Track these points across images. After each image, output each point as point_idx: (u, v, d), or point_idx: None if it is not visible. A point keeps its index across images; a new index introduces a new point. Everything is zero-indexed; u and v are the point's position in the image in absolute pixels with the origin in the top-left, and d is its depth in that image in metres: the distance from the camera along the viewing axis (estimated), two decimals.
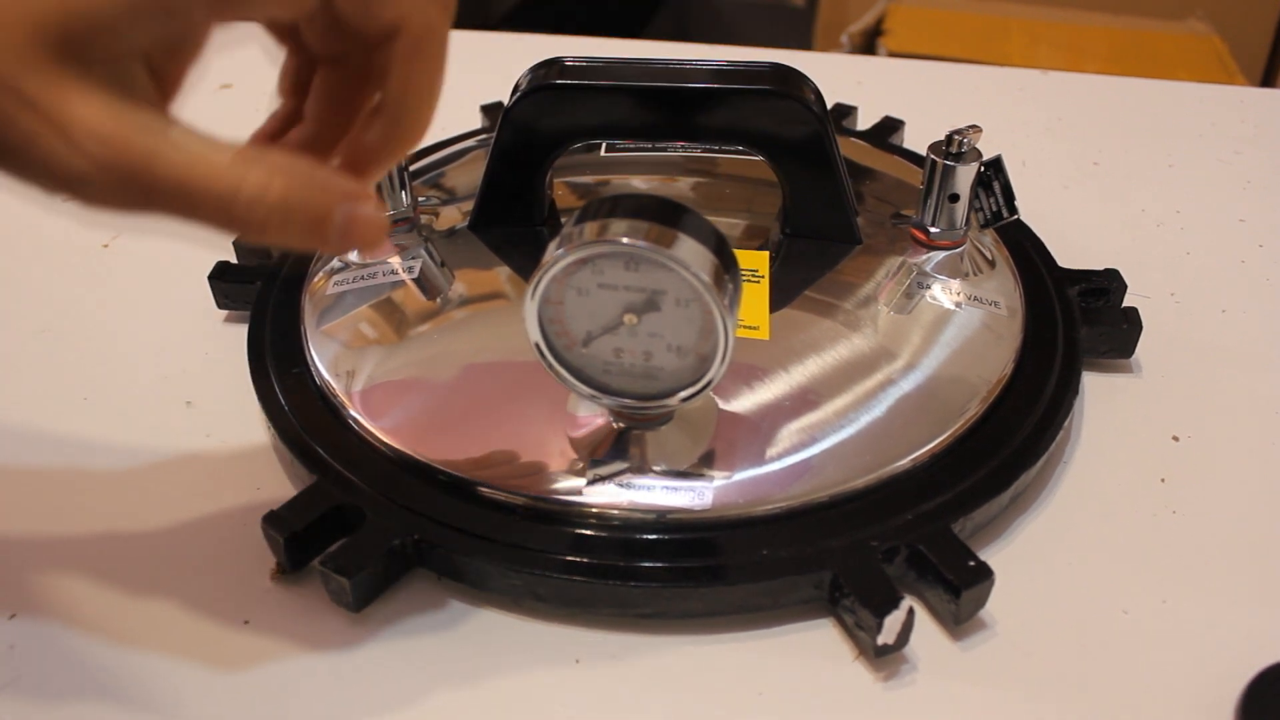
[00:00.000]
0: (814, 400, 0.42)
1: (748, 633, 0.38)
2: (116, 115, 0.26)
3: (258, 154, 0.28)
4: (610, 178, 0.56)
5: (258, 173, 0.27)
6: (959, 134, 0.47)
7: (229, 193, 0.27)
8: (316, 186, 0.28)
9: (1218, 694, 0.36)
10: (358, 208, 0.29)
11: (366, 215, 0.29)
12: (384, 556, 0.38)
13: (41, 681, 0.37)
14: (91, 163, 0.26)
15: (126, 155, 0.26)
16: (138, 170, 0.26)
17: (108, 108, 0.26)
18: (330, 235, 0.29)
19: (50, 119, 0.26)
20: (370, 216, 0.30)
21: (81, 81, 0.26)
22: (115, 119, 0.26)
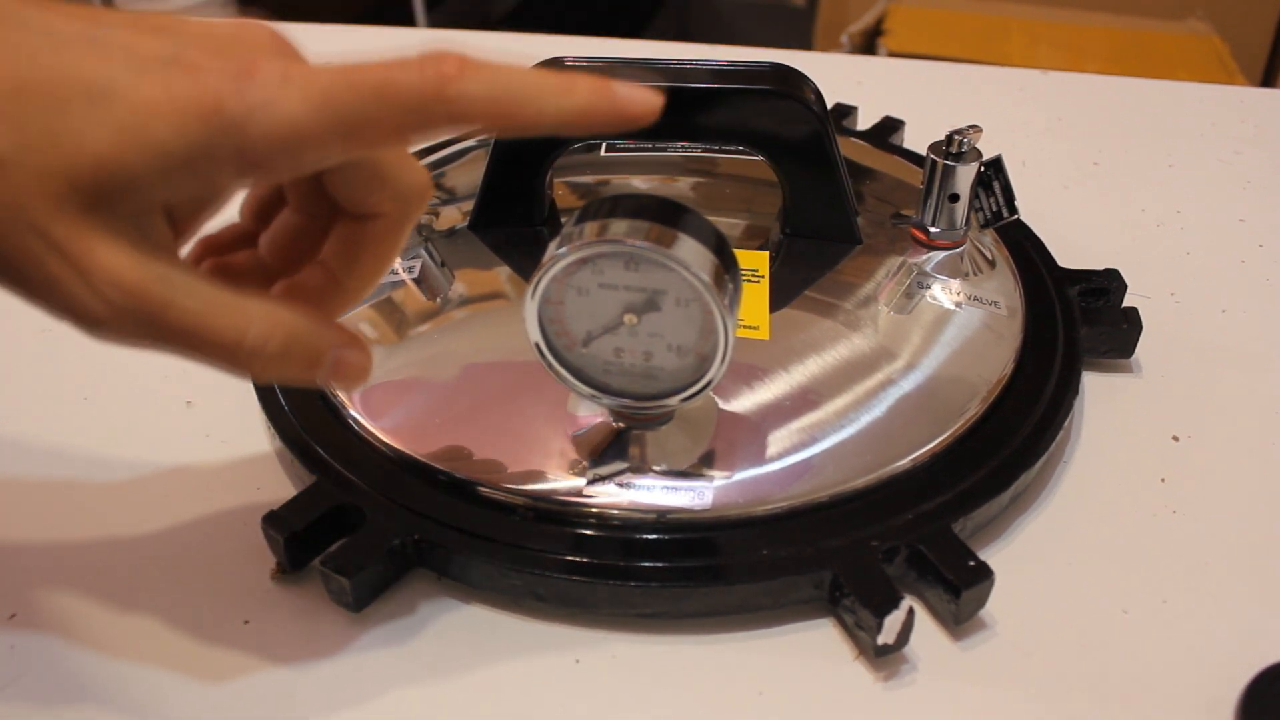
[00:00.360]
0: (814, 400, 0.42)
1: (748, 633, 0.38)
2: (136, 265, 0.28)
3: (261, 306, 0.30)
4: (610, 178, 0.56)
5: (260, 326, 0.30)
6: (959, 134, 0.47)
7: (233, 343, 0.29)
8: (312, 336, 0.31)
9: (1218, 694, 0.36)
10: (345, 354, 0.32)
11: (352, 360, 0.33)
12: (384, 556, 0.38)
13: (42, 681, 0.37)
14: (109, 308, 0.28)
15: (143, 304, 0.28)
16: (152, 317, 0.29)
17: (129, 257, 0.28)
18: (319, 376, 0.32)
19: (75, 264, 0.28)
20: (355, 361, 0.33)
21: (106, 230, 0.28)
22: (135, 268, 0.28)
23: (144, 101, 0.27)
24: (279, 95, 0.28)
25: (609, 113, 0.30)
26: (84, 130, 0.27)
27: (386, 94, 0.28)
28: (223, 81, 0.28)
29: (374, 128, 0.29)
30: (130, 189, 0.28)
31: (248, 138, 0.28)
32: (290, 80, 0.28)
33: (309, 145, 0.28)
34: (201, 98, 0.27)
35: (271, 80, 0.28)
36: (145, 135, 0.27)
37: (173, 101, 0.27)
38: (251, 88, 0.28)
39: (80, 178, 0.27)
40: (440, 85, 0.28)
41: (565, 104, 0.30)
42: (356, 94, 0.28)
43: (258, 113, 0.28)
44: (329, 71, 0.29)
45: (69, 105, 0.27)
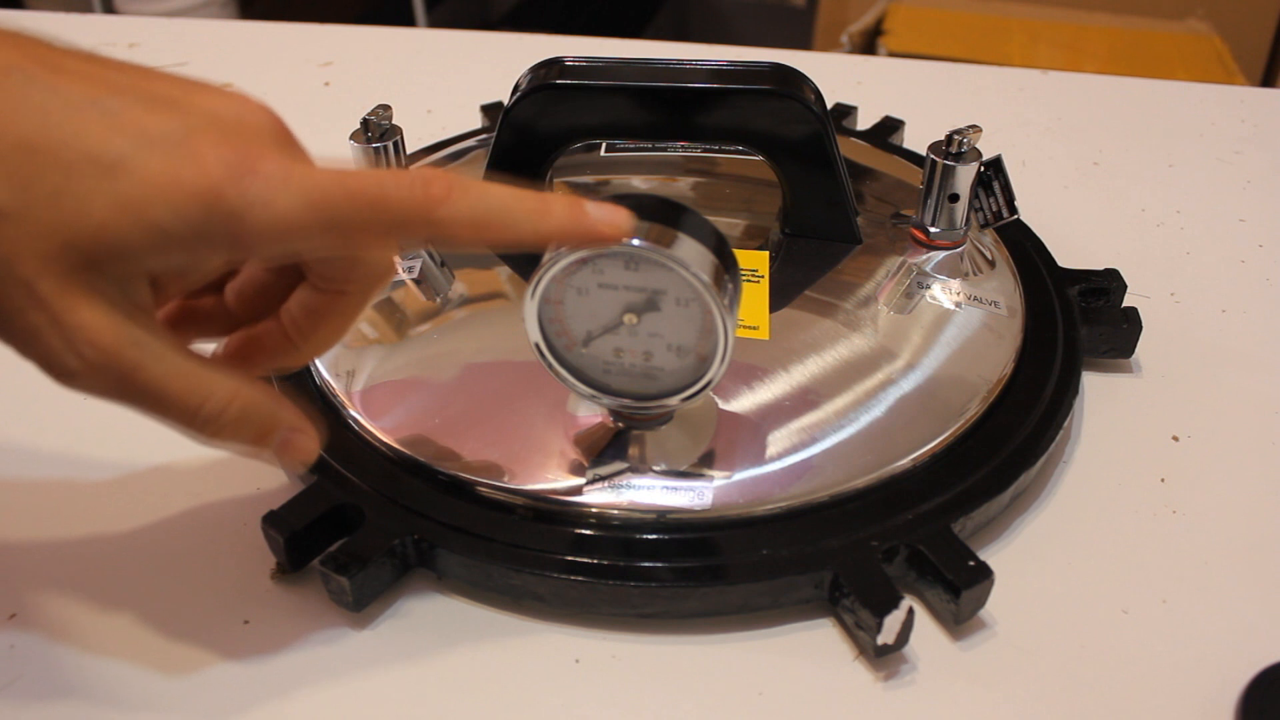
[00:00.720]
0: (814, 400, 0.42)
1: (748, 633, 0.38)
2: (114, 327, 0.30)
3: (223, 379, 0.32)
4: (610, 178, 0.56)
5: (221, 394, 0.32)
6: (959, 134, 0.47)
7: (194, 408, 0.31)
8: (267, 412, 0.33)
9: (1218, 694, 0.36)
10: (294, 436, 0.34)
11: (300, 442, 0.34)
12: (384, 556, 0.38)
13: (42, 681, 0.37)
14: (82, 364, 0.29)
15: (115, 363, 0.30)
16: (122, 377, 0.30)
17: (108, 319, 0.29)
18: (267, 451, 0.34)
19: (56, 320, 0.29)
20: (302, 444, 0.34)
21: (90, 291, 0.29)
22: (112, 330, 0.30)
23: (149, 180, 0.29)
24: (278, 193, 0.29)
25: (581, 234, 0.34)
26: (88, 198, 0.28)
27: (378, 207, 0.31)
28: (226, 173, 0.29)
29: (362, 235, 0.31)
30: (122, 258, 0.29)
31: (244, 228, 0.29)
32: (290, 180, 0.30)
33: (300, 241, 0.30)
34: (205, 186, 0.29)
35: (273, 177, 0.29)
36: (146, 212, 0.29)
37: (177, 185, 0.29)
38: (254, 183, 0.29)
39: (77, 241, 0.28)
40: (429, 206, 0.31)
41: (541, 226, 0.33)
42: (351, 203, 0.30)
43: (256, 207, 0.29)
44: (327, 175, 0.30)
45: (76, 171, 0.28)
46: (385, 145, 0.49)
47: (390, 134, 0.49)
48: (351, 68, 0.81)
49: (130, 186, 0.28)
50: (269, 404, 0.33)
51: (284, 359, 0.36)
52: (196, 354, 0.32)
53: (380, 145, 0.49)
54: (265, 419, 0.33)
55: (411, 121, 0.54)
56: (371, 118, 0.49)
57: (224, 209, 0.29)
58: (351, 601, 0.38)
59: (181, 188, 0.29)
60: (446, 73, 0.80)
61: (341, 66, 0.81)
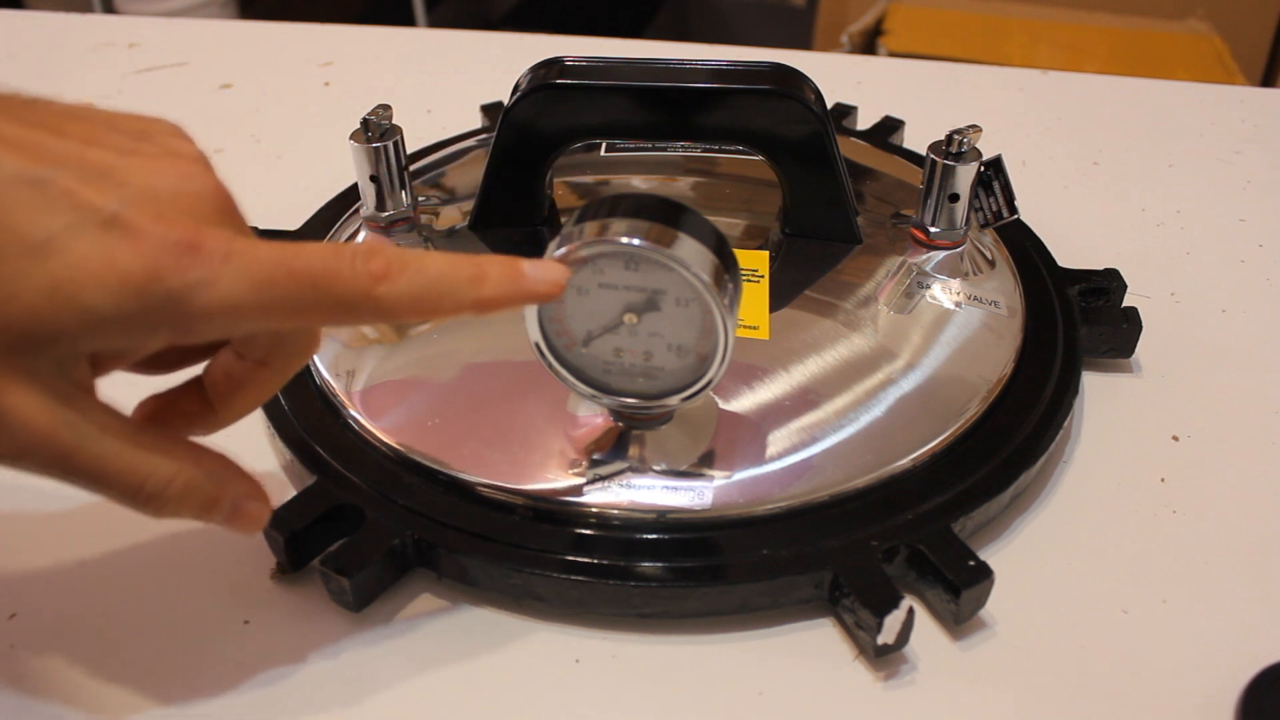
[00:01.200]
0: (814, 400, 0.42)
1: (748, 632, 0.38)
2: (48, 410, 0.28)
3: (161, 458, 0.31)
4: (610, 178, 0.56)
5: (162, 472, 0.31)
6: (959, 134, 0.47)
7: (135, 487, 0.30)
8: (211, 486, 0.32)
9: (1218, 694, 0.36)
10: (244, 503, 0.33)
11: (250, 510, 0.33)
12: (384, 556, 0.38)
13: (42, 681, 0.37)
14: (19, 449, 0.28)
15: (51, 447, 0.29)
16: (59, 460, 0.29)
17: (41, 402, 0.28)
18: (216, 519, 0.33)
19: None
20: (252, 511, 0.33)
21: (24, 374, 0.28)
22: (46, 413, 0.28)
23: (83, 264, 0.27)
24: (220, 273, 0.28)
25: (520, 296, 0.33)
26: (18, 281, 0.27)
27: (321, 286, 0.30)
28: (165, 254, 0.28)
29: (305, 314, 0.30)
30: (55, 342, 0.28)
31: (185, 310, 0.28)
32: (232, 259, 0.28)
33: (242, 321, 0.29)
34: (142, 269, 0.27)
35: (214, 257, 0.28)
36: (80, 297, 0.27)
37: (112, 268, 0.27)
38: (194, 264, 0.28)
39: (7, 327, 0.27)
40: (370, 285, 0.30)
41: (479, 294, 0.32)
42: (294, 282, 0.29)
43: (198, 288, 0.28)
44: (270, 253, 0.29)
45: (4, 254, 0.27)
46: (385, 145, 0.49)
47: (390, 134, 0.49)
48: (351, 68, 0.81)
49: (62, 268, 0.27)
50: (213, 476, 0.32)
51: (200, 424, 0.35)
52: (135, 429, 0.31)
53: (380, 145, 0.49)
54: (210, 492, 0.32)
55: (411, 121, 0.54)
56: (371, 118, 0.49)
57: (162, 292, 0.28)
58: (351, 601, 0.38)
59: (116, 271, 0.27)
60: (446, 73, 0.80)
61: (341, 66, 0.81)
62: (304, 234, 0.55)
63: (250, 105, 0.76)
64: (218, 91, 0.78)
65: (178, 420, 0.35)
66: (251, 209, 0.62)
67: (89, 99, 0.79)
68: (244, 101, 0.76)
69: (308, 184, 0.60)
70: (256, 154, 0.69)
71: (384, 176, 0.50)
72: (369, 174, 0.50)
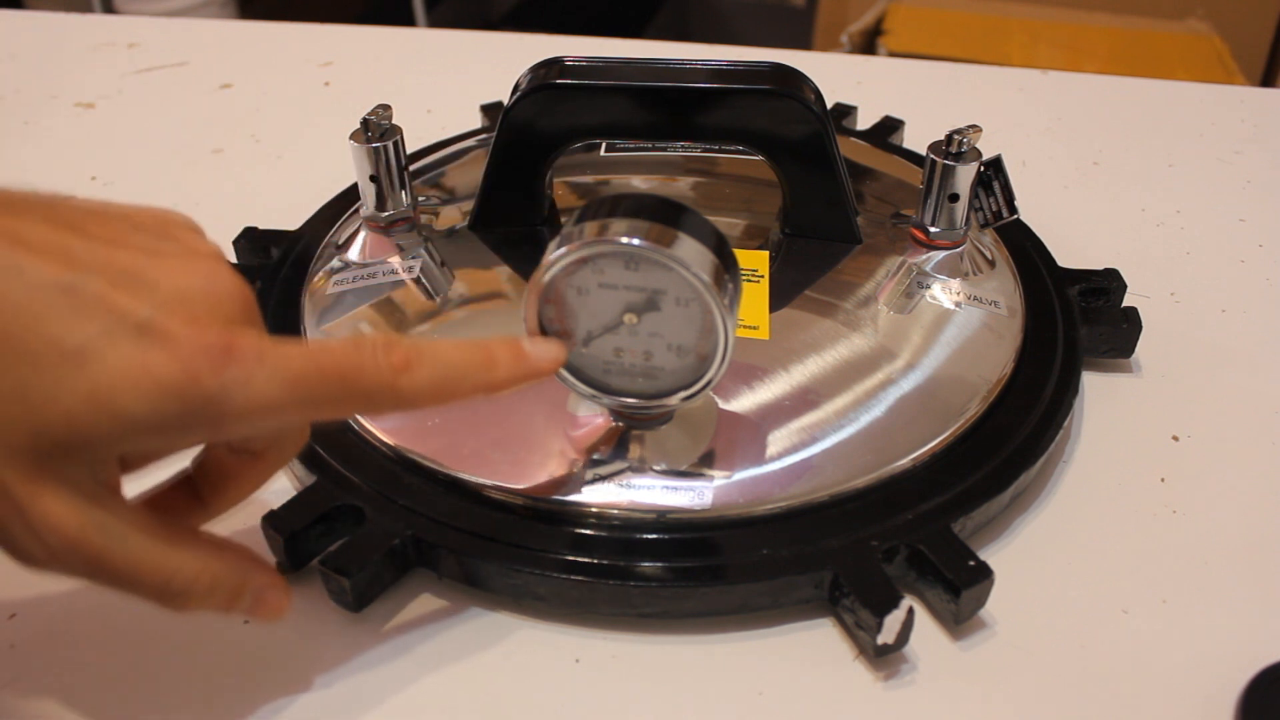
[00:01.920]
0: (814, 400, 0.42)
1: (748, 632, 0.38)
2: (79, 513, 0.29)
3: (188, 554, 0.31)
4: (610, 178, 0.56)
5: (188, 570, 0.31)
6: (959, 134, 0.47)
7: (162, 585, 0.31)
8: (235, 579, 0.33)
9: (1218, 694, 0.36)
10: (265, 593, 0.34)
11: (271, 599, 0.34)
12: (384, 556, 0.38)
13: (42, 681, 0.37)
14: (48, 552, 0.29)
15: (81, 550, 0.29)
16: (88, 562, 0.29)
17: (73, 506, 0.29)
18: (238, 610, 0.33)
19: (20, 510, 0.28)
20: (273, 600, 0.34)
21: (56, 479, 0.28)
22: (77, 517, 0.29)
23: (119, 369, 0.27)
24: (254, 375, 0.29)
25: (526, 375, 0.35)
26: (55, 390, 0.27)
27: (348, 380, 0.31)
28: (200, 358, 0.28)
29: (332, 407, 0.31)
30: (91, 446, 0.28)
31: (222, 411, 0.29)
32: (264, 359, 0.29)
33: (274, 419, 0.30)
34: (179, 375, 0.28)
35: (248, 358, 0.29)
36: (118, 404, 0.27)
37: (149, 375, 0.28)
38: (229, 366, 0.28)
39: (45, 433, 0.27)
40: (393, 378, 0.31)
41: (491, 378, 0.34)
42: (323, 378, 0.30)
43: (233, 390, 0.28)
44: (298, 352, 0.30)
45: (42, 361, 0.27)
46: (385, 145, 0.49)
47: (390, 134, 0.49)
48: (351, 68, 0.81)
49: (99, 375, 0.27)
50: (237, 570, 0.33)
51: (192, 518, 0.35)
52: (161, 527, 0.31)
53: (380, 145, 0.49)
54: (234, 586, 0.33)
55: (411, 121, 0.54)
56: (371, 118, 0.49)
57: (199, 395, 0.28)
58: (351, 601, 0.38)
59: (152, 378, 0.27)
60: (446, 73, 0.80)
61: (341, 66, 0.81)
62: (303, 234, 0.55)
63: (250, 105, 0.76)
64: (218, 91, 0.78)
65: (169, 515, 0.34)
66: (251, 209, 0.63)
67: (89, 99, 0.80)
68: (244, 101, 0.76)
69: (308, 184, 0.60)
70: (256, 154, 0.69)
71: (384, 176, 0.50)
72: (369, 174, 0.50)
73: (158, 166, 0.68)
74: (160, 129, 0.73)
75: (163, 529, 0.31)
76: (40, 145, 0.71)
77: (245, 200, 0.64)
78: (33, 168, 0.68)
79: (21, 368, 0.27)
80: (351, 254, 0.50)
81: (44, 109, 0.75)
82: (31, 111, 0.75)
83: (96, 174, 0.67)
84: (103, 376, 0.27)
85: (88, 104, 0.76)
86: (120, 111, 0.75)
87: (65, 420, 0.27)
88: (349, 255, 0.50)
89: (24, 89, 0.78)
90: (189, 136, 0.71)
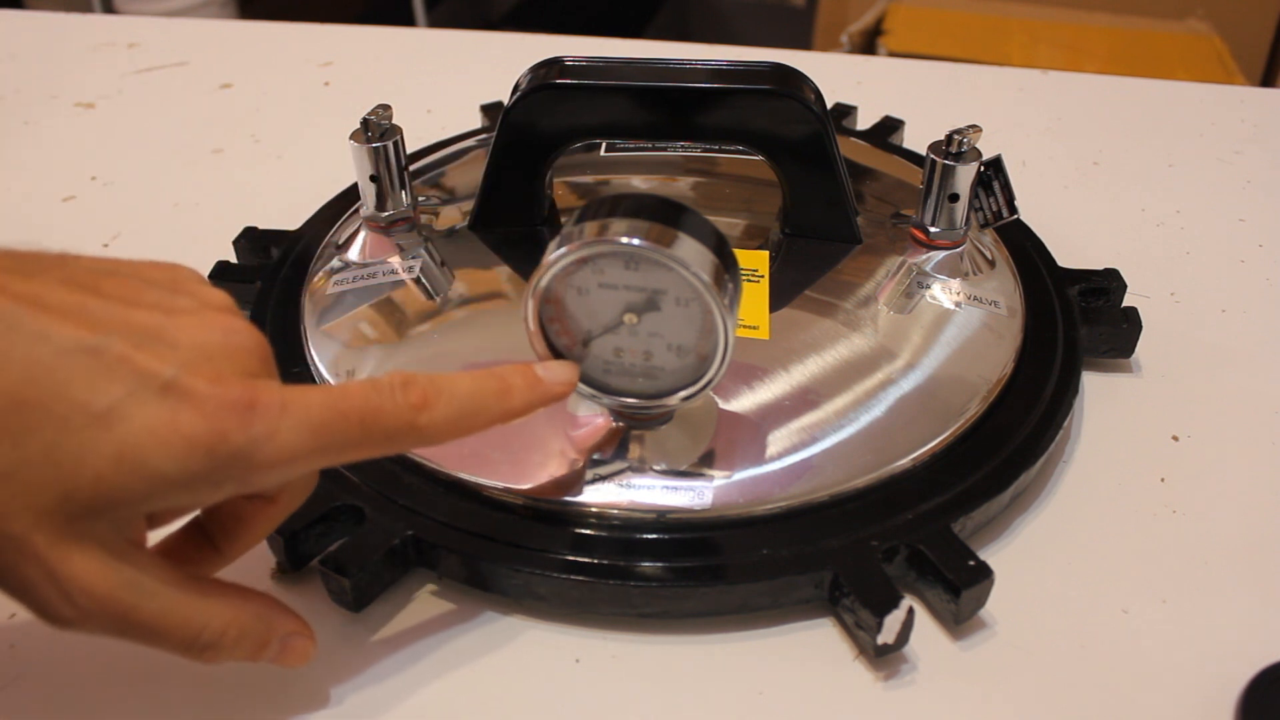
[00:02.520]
0: (814, 400, 0.42)
1: (748, 632, 0.38)
2: (108, 572, 0.29)
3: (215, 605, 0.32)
4: (610, 178, 0.56)
5: (216, 622, 0.31)
6: (959, 134, 0.47)
7: (191, 639, 0.31)
8: (262, 628, 0.33)
9: (1218, 694, 0.36)
10: (292, 640, 0.34)
11: (297, 646, 0.34)
12: (384, 556, 0.38)
13: (42, 680, 0.37)
14: (78, 613, 0.29)
15: (110, 609, 0.29)
16: (118, 620, 0.30)
17: (102, 565, 0.29)
18: (267, 657, 0.33)
19: (50, 573, 0.28)
20: (299, 647, 0.34)
21: (85, 539, 0.29)
22: (107, 577, 0.29)
23: (146, 429, 0.28)
24: (279, 426, 0.29)
25: (541, 398, 0.36)
26: (83, 452, 0.27)
27: (368, 423, 0.31)
28: (226, 414, 0.29)
29: (355, 450, 0.31)
30: (121, 506, 0.28)
31: (250, 465, 0.29)
32: (288, 410, 0.29)
33: (300, 467, 0.30)
34: (207, 432, 0.28)
35: (272, 411, 0.29)
36: (146, 464, 0.28)
37: (177, 433, 0.28)
38: (254, 420, 0.29)
39: (74, 495, 0.28)
40: (412, 416, 0.32)
41: (507, 405, 0.35)
42: (345, 423, 0.31)
43: (260, 443, 0.29)
44: (319, 398, 0.30)
45: (70, 424, 0.27)
46: (385, 145, 0.49)
47: (390, 134, 0.49)
48: (351, 68, 0.81)
49: (127, 436, 0.28)
50: (263, 618, 0.33)
51: (206, 565, 0.35)
52: (187, 580, 0.31)
53: (380, 145, 0.49)
54: (261, 634, 0.33)
55: (411, 121, 0.54)
56: (371, 118, 0.49)
57: (228, 452, 0.28)
58: (351, 601, 0.38)
59: (181, 436, 0.28)
60: (446, 73, 0.80)
61: (341, 66, 0.81)
62: (303, 234, 0.55)
63: (250, 105, 0.76)
64: (218, 91, 0.78)
65: (186, 566, 0.34)
66: (251, 209, 0.63)
67: (89, 99, 0.80)
68: (244, 101, 0.76)
69: (308, 184, 0.60)
70: (256, 154, 0.69)
71: (384, 176, 0.50)
72: (369, 174, 0.50)
73: (158, 166, 0.68)
74: (160, 129, 0.73)
75: (189, 582, 0.31)
76: (40, 145, 0.71)
77: (245, 200, 0.64)
78: (33, 168, 0.68)
79: (50, 431, 0.27)
80: (352, 254, 0.50)
81: (44, 109, 0.75)
82: (32, 111, 0.75)
83: (96, 174, 0.67)
84: (130, 437, 0.28)
85: (88, 104, 0.76)
86: (120, 111, 0.75)
87: (94, 481, 0.28)
88: (349, 255, 0.50)
89: (24, 89, 0.78)
90: (189, 136, 0.71)
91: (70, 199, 0.65)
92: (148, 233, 0.61)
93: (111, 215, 0.63)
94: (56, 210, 0.63)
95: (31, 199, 0.65)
